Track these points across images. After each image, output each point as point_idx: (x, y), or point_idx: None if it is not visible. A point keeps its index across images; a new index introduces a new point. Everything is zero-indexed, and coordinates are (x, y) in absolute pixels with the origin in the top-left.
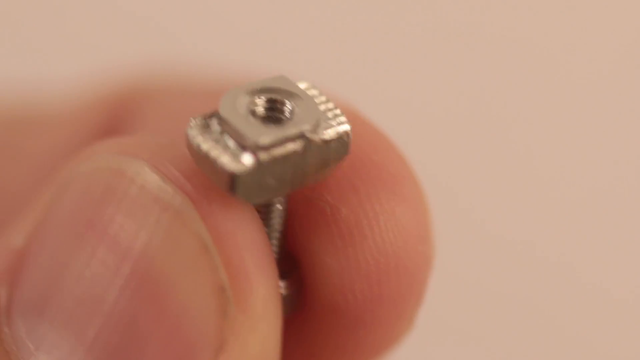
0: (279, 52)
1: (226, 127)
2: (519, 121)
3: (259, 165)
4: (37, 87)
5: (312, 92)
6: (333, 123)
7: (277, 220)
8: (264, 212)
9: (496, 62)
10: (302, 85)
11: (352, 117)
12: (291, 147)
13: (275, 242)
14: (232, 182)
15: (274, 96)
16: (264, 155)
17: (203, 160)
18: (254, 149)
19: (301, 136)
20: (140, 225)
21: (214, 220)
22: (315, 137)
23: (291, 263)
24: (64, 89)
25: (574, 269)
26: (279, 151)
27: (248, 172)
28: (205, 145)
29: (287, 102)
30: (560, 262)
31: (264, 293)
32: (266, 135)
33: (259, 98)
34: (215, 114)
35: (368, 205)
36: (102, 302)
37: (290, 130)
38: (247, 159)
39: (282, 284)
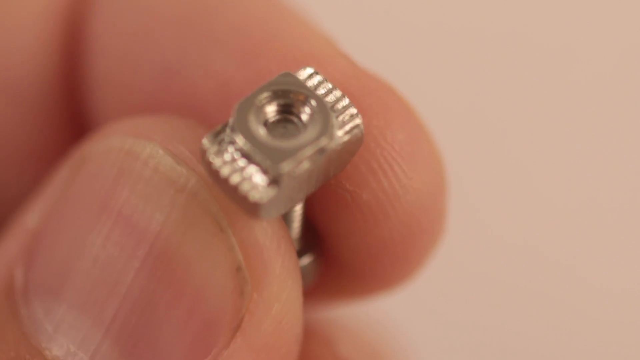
0: None
1: (242, 149)
2: (524, 123)
3: (281, 189)
4: None
5: (317, 79)
6: (345, 117)
7: (298, 206)
8: None
9: (501, 64)
10: (307, 72)
11: (359, 87)
12: (311, 163)
13: (296, 224)
14: (257, 210)
15: (283, 101)
16: (286, 180)
17: (223, 184)
18: (276, 177)
19: (320, 150)
20: (155, 207)
21: (228, 201)
22: (333, 145)
23: (313, 237)
24: None
25: (576, 266)
26: (299, 170)
27: (271, 198)
28: (225, 169)
29: (296, 105)
30: (565, 260)
31: (279, 273)
32: (286, 159)
33: (269, 105)
34: (227, 130)
35: (387, 184)
36: (119, 283)
37: (308, 149)
38: (271, 188)
39: (305, 257)
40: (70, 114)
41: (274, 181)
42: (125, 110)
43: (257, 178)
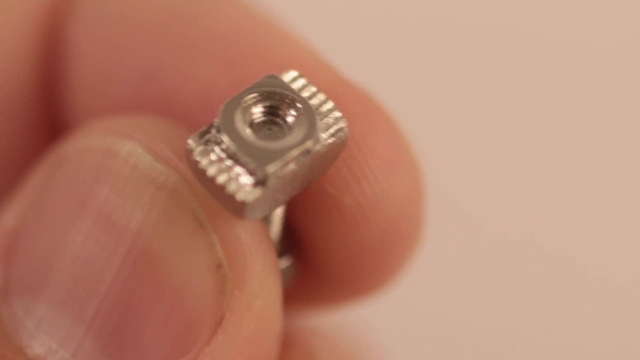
0: None
1: (229, 150)
2: (519, 117)
3: (267, 189)
4: None
5: (301, 82)
6: (330, 120)
7: (279, 209)
8: None
9: (496, 60)
10: (291, 75)
11: (342, 94)
12: (297, 164)
13: (277, 227)
14: (243, 210)
15: (269, 102)
16: (272, 181)
17: (209, 184)
18: (262, 177)
19: (305, 152)
20: (135, 205)
21: (209, 199)
22: (318, 147)
23: (292, 240)
24: None
25: (575, 263)
26: (285, 171)
27: (257, 199)
28: (212, 169)
29: (282, 107)
30: (561, 256)
31: (260, 270)
32: (272, 161)
33: (255, 106)
34: (213, 130)
35: (369, 189)
36: (100, 281)
37: (294, 150)
38: (257, 189)
39: (283, 260)
40: (50, 120)
41: (260, 182)
42: (104, 115)
43: (244, 178)
